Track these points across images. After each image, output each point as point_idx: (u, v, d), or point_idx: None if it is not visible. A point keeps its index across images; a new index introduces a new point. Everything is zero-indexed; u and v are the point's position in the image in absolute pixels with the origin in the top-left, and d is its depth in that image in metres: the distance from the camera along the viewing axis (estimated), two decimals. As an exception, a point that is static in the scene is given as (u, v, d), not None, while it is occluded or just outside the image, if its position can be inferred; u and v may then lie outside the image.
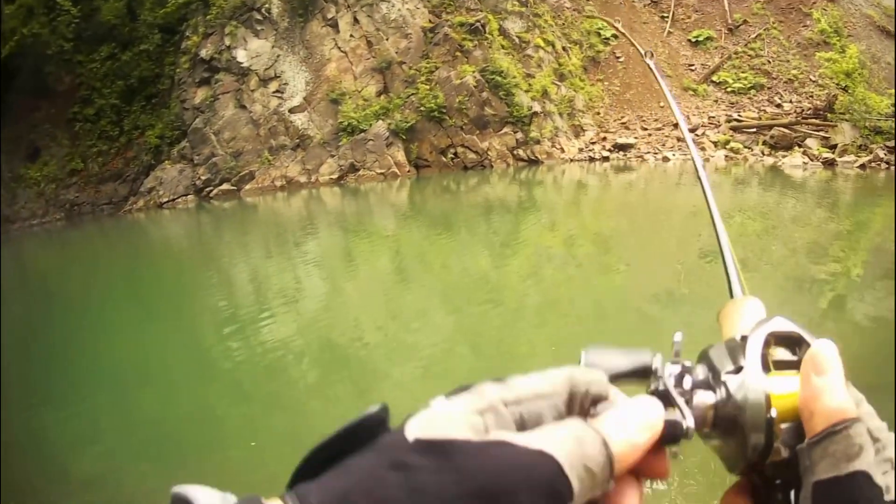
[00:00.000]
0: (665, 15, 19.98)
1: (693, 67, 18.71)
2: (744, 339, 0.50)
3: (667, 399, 0.46)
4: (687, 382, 0.48)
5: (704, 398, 0.48)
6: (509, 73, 17.03)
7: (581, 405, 0.42)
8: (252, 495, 0.34)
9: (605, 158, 17.15)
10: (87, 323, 9.53)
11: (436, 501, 0.34)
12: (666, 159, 17.04)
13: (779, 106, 18.44)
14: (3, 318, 9.26)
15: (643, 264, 10.21)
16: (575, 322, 7.64)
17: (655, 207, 14.61)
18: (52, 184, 20.96)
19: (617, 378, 0.46)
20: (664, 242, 11.85)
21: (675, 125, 17.63)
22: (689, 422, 0.45)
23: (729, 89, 18.28)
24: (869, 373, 5.77)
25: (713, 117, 17.61)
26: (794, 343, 0.50)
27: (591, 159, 17.20)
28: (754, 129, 17.80)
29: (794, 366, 0.49)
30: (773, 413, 0.46)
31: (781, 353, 0.50)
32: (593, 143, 17.23)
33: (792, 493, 0.47)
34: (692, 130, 17.61)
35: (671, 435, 0.43)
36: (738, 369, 0.48)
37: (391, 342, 7.33)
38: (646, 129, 17.41)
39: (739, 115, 17.84)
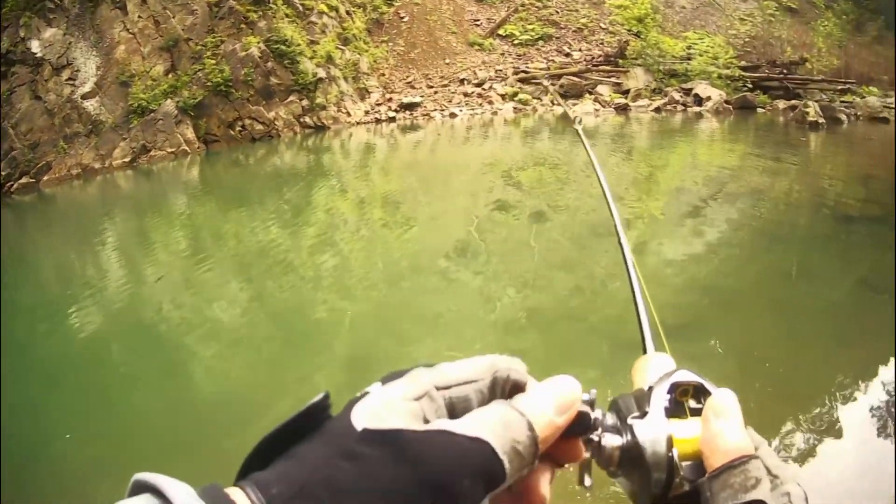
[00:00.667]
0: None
1: (479, 22, 19.10)
2: (650, 389, 0.55)
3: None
4: (597, 428, 0.52)
5: (612, 441, 0.52)
6: (293, 41, 17.24)
7: (502, 389, 0.46)
8: (213, 483, 0.37)
9: (392, 119, 17.52)
10: None
11: (387, 489, 0.37)
12: (453, 115, 17.47)
13: (568, 55, 18.96)
14: None
15: (436, 221, 10.49)
16: (372, 284, 7.94)
17: (445, 164, 14.96)
18: None
19: None
20: (456, 197, 12.22)
21: (462, 81, 18.06)
22: (597, 414, 0.51)
23: (516, 42, 18.74)
24: (681, 312, 6.04)
25: (500, 70, 18.07)
26: (699, 393, 0.55)
27: (378, 121, 17.56)
28: (545, 80, 18.28)
29: (698, 413, 0.53)
30: (675, 452, 0.50)
31: (689, 403, 0.55)
32: (379, 105, 17.58)
33: None
34: (479, 85, 18.06)
35: (581, 425, 0.49)
36: (643, 415, 0.52)
37: (193, 318, 7.54)
38: (431, 87, 17.81)
39: (527, 67, 18.33)
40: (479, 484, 0.39)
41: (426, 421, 0.41)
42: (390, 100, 17.43)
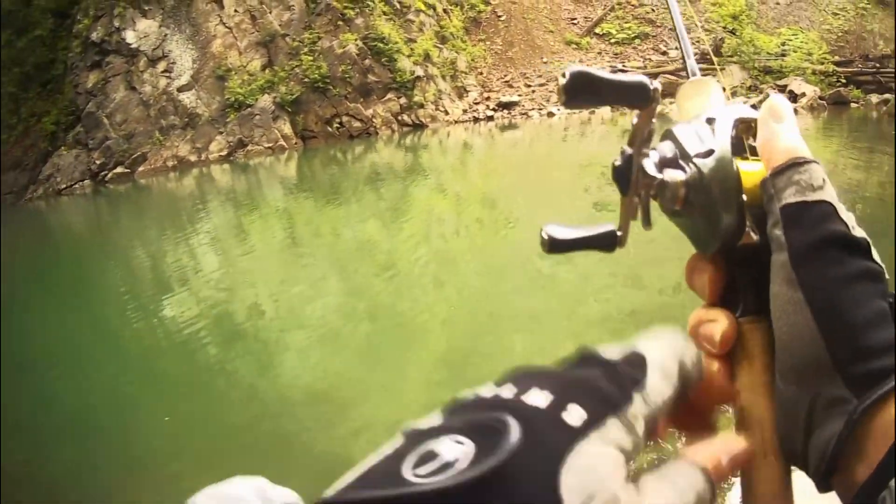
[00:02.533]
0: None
1: (575, 21, 18.85)
2: (710, 121, 0.50)
3: (628, 179, 0.49)
4: (654, 157, 0.49)
5: (674, 175, 0.48)
6: (391, 38, 17.12)
7: (686, 389, 0.43)
8: None
9: (490, 118, 17.36)
10: None
11: None
12: (551, 114, 17.27)
13: (664, 53, 18.65)
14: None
15: (533, 220, 10.44)
16: (468, 282, 7.89)
17: (543, 163, 14.82)
18: (-43, 177, 20.91)
19: (580, 245, 0.52)
20: (553, 197, 12.10)
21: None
22: (676, 176, 0.48)
23: (613, 40, 18.46)
24: None
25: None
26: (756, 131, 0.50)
27: (476, 120, 17.41)
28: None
29: (757, 153, 0.49)
30: (745, 197, 0.46)
31: (751, 141, 0.50)
32: (477, 104, 17.42)
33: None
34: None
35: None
36: (709, 152, 0.48)
37: (288, 313, 7.51)
38: (529, 87, 17.61)
39: (624, 65, 18.05)
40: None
41: (628, 462, 0.33)
42: (488, 98, 17.27)
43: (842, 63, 19.08)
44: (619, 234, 0.51)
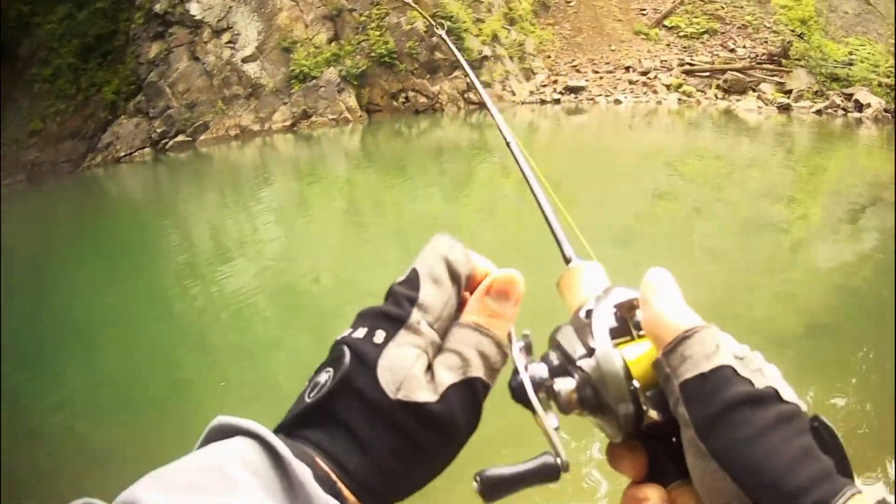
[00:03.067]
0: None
1: (645, 12, 18.75)
2: (589, 314, 0.52)
3: (524, 396, 0.50)
4: (543, 371, 0.50)
5: (565, 385, 0.49)
6: (459, 17, 17.05)
7: (461, 285, 0.50)
8: (287, 437, 0.44)
9: (557, 101, 17.18)
10: (50, 280, 9.57)
11: (432, 458, 0.46)
12: (618, 102, 17.08)
13: (732, 51, 18.49)
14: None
15: (595, 205, 10.24)
16: (529, 261, 7.77)
17: (608, 149, 14.61)
18: (13, 146, 20.94)
19: (518, 483, 0.50)
20: (615, 183, 11.88)
21: (627, 68, 17.68)
22: (567, 385, 0.50)
23: (681, 34, 18.32)
24: (828, 314, 5.96)
25: (665, 61, 17.65)
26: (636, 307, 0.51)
27: (543, 102, 17.24)
28: (707, 74, 17.84)
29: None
30: (636, 384, 0.47)
31: (636, 317, 0.51)
32: (544, 86, 17.26)
33: (673, 440, 0.48)
34: (643, 73, 17.66)
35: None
36: (591, 352, 0.49)
37: (348, 285, 7.37)
38: (597, 73, 17.46)
39: (692, 60, 17.89)
40: (478, 405, 0.48)
41: (429, 367, 0.47)
42: (555, 82, 17.12)
43: (909, 78, 18.75)
44: (557, 460, 0.48)
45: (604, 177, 12.38)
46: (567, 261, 0.64)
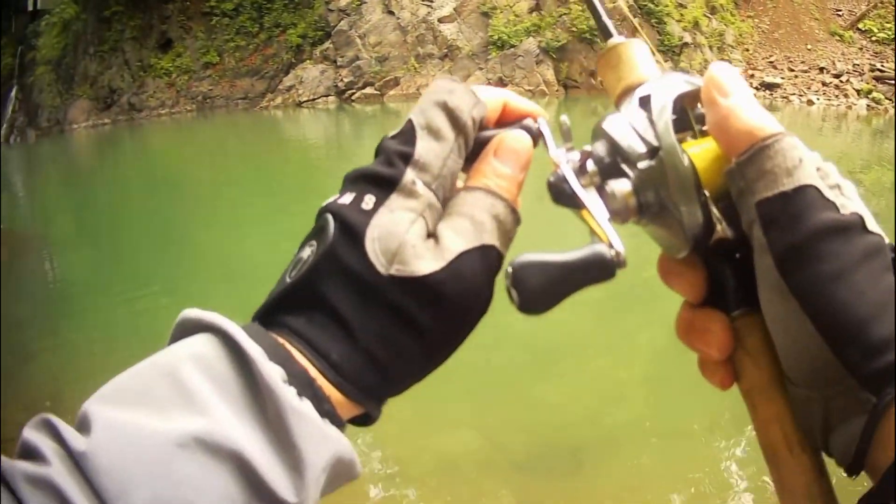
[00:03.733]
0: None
1: (840, 12, 18.67)
2: (643, 102, 0.44)
3: (568, 194, 0.44)
4: (589, 166, 0.45)
5: (620, 187, 0.43)
6: (662, 1, 17.15)
7: (468, 135, 0.44)
8: (257, 327, 0.39)
9: (751, 95, 17.34)
10: (210, 213, 9.96)
11: (432, 340, 0.41)
12: (811, 103, 17.19)
13: (921, 60, 18.42)
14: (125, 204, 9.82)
15: None
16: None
17: None
18: (184, 75, 21.43)
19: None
20: None
21: (822, 69, 17.75)
22: (622, 186, 0.43)
23: (874, 38, 18.26)
24: None
25: (857, 65, 17.68)
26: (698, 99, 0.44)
27: (738, 95, 17.40)
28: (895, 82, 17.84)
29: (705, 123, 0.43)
30: (706, 193, 0.41)
31: (697, 110, 0.45)
32: (741, 79, 17.41)
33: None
34: (836, 76, 17.71)
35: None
36: (653, 151, 0.42)
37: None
38: (793, 71, 17.52)
39: (883, 66, 17.89)
40: (493, 278, 0.42)
41: (430, 234, 0.41)
42: (752, 76, 17.24)
43: None
44: (611, 252, 0.41)
45: None
46: (607, 36, 0.54)
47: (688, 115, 0.44)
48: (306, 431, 0.34)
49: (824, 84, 17.38)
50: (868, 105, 17.46)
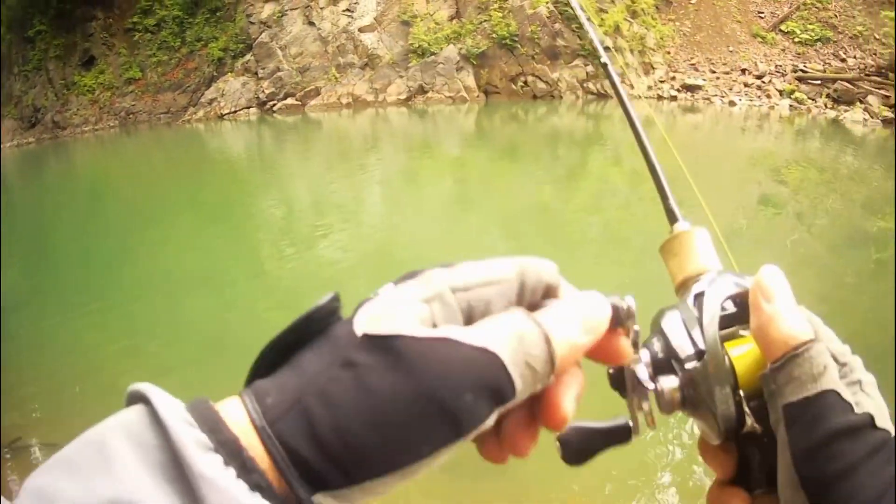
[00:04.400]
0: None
1: (762, 14, 18.68)
2: (697, 299, 0.50)
3: (626, 388, 0.48)
4: (644, 358, 0.48)
5: (668, 383, 0.48)
6: (582, 6, 17.02)
7: (532, 295, 0.41)
8: (201, 397, 0.35)
9: (674, 98, 17.22)
10: (139, 228, 9.66)
11: (386, 401, 0.34)
12: (732, 103, 17.10)
13: (843, 60, 18.44)
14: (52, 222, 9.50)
15: (706, 203, 10.36)
16: (633, 258, 7.83)
17: (719, 150, 14.67)
18: (107, 91, 21.01)
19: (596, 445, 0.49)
20: (722, 184, 11.96)
21: (744, 71, 17.71)
22: (670, 383, 0.48)
23: (796, 40, 18.28)
24: None
25: (779, 66, 17.67)
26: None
27: (660, 97, 17.28)
28: (819, 82, 17.85)
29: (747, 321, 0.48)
30: (741, 393, 0.46)
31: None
32: (662, 82, 17.28)
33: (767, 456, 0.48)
34: (758, 77, 17.68)
35: (616, 319, 0.42)
36: (699, 353, 0.47)
37: (446, 262, 7.49)
38: (714, 73, 17.46)
39: (805, 67, 17.90)
40: (483, 399, 0.35)
41: (435, 326, 0.37)
42: (674, 78, 17.15)
43: None
44: (629, 423, 0.48)
45: (711, 177, 12.49)
46: (673, 220, 0.61)
47: (736, 316, 0.49)
48: (217, 500, 0.32)
49: (746, 85, 17.33)
50: (791, 105, 17.45)
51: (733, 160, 13.80)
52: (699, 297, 0.49)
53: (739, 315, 0.49)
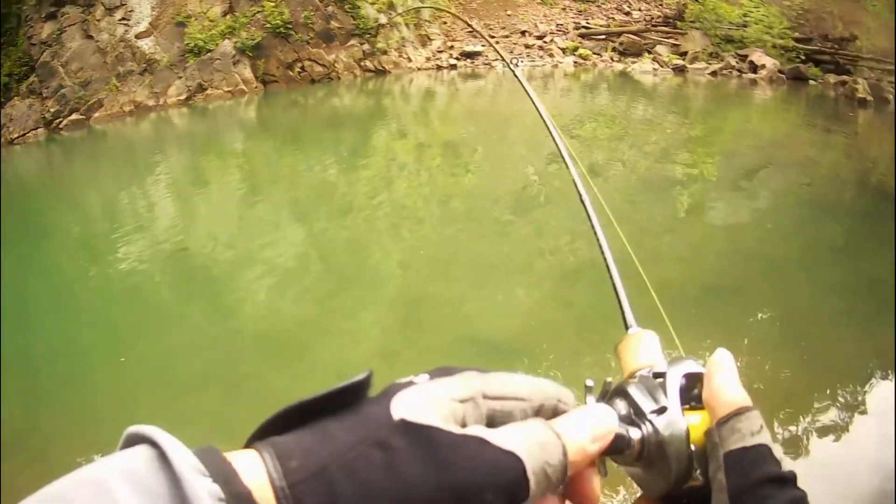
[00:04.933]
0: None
1: (540, -23, 19.01)
2: (658, 376, 0.56)
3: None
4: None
5: (632, 434, 0.51)
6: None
7: (545, 414, 0.44)
8: (210, 446, 0.33)
9: (453, 66, 17.29)
10: None
11: (412, 487, 0.34)
12: (514, 65, 17.27)
13: (628, 14, 18.83)
14: None
15: (493, 170, 10.32)
16: (425, 228, 7.86)
17: (505, 112, 14.74)
18: None
19: None
20: (514, 146, 11.98)
21: (523, 33, 17.87)
22: (633, 434, 0.51)
23: (577, -2, 18.64)
24: (723, 275, 6.16)
25: (561, 25, 17.89)
26: (698, 380, 0.56)
27: (439, 68, 17.33)
28: (603, 37, 18.12)
29: (700, 402, 0.55)
30: (693, 448, 0.52)
31: (695, 391, 0.56)
32: (440, 52, 17.35)
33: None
34: (539, 38, 17.87)
35: (617, 447, 0.49)
36: (662, 409, 0.53)
37: (245, 258, 7.35)
38: (493, 37, 17.60)
39: (588, 23, 18.16)
40: (500, 498, 0.37)
41: (464, 425, 0.39)
42: (452, 47, 17.21)
43: (801, 40, 19.29)
44: None
45: (500, 140, 12.50)
46: (627, 327, 0.72)
47: (688, 392, 0.55)
48: None
49: (527, 46, 17.51)
50: (575, 62, 17.65)
51: (521, 121, 13.77)
52: (659, 374, 0.56)
53: (691, 388, 0.55)
